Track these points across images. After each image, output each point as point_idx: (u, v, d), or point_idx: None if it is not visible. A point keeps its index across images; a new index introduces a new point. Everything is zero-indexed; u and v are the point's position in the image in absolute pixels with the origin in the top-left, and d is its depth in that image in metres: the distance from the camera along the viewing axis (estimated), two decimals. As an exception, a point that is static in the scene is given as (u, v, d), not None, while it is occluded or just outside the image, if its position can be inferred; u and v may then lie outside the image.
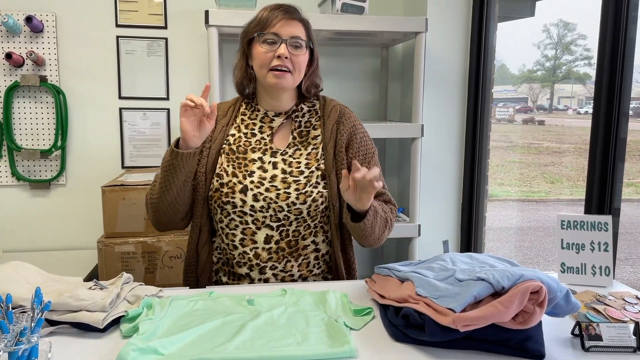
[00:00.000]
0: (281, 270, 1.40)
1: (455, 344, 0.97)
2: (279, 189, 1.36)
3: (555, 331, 1.06)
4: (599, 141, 1.71)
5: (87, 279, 2.03)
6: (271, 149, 1.42)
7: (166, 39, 2.53)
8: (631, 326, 1.02)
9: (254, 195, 1.36)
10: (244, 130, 1.45)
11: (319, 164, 1.41)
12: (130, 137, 2.57)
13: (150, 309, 1.09)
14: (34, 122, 2.48)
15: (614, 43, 1.68)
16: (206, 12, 2.11)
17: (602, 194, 1.70)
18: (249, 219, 1.37)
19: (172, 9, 2.52)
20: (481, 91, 2.43)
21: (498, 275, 0.97)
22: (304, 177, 1.38)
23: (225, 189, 1.37)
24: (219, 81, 2.20)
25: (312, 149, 1.43)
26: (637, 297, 1.25)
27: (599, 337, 0.99)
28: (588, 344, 0.98)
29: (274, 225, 1.37)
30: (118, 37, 2.50)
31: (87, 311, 1.03)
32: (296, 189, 1.36)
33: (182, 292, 1.23)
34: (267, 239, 1.38)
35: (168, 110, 2.58)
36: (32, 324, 0.85)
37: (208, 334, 1.00)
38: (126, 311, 1.07)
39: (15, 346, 0.81)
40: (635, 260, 5.08)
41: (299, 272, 1.42)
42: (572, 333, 1.05)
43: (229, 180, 1.38)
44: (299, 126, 1.46)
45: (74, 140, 2.53)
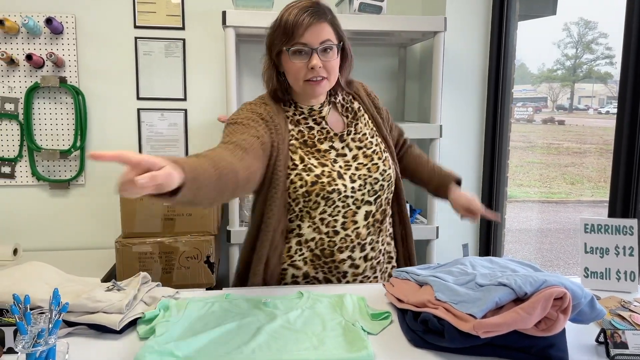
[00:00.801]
0: (377, 242, 1.43)
1: (476, 350, 0.95)
2: (366, 165, 1.40)
3: (579, 338, 1.03)
4: (623, 142, 1.67)
5: (105, 278, 2.05)
6: (335, 134, 1.43)
7: (184, 39, 2.54)
8: (659, 334, 0.98)
9: (350, 177, 1.37)
10: (299, 127, 1.42)
11: (375, 132, 1.48)
12: (148, 138, 2.58)
13: (167, 311, 1.08)
14: (53, 123, 2.51)
15: (639, 41, 1.63)
16: (223, 13, 2.11)
17: (627, 197, 1.66)
18: (349, 201, 1.36)
19: (189, 10, 2.53)
20: (501, 91, 2.39)
21: (520, 280, 0.95)
22: (376, 146, 1.44)
23: (324, 179, 1.34)
24: (235, 81, 2.20)
25: (363, 119, 1.48)
26: (664, 304, 1.22)
27: (624, 345, 0.96)
28: (613, 352, 0.96)
29: (371, 199, 1.40)
30: (136, 38, 2.51)
31: (104, 313, 1.03)
32: (379, 158, 1.42)
33: (198, 294, 1.23)
34: (367, 215, 1.40)
35: (185, 111, 2.59)
36: (50, 325, 0.85)
37: (224, 337, 1.00)
38: (143, 313, 1.07)
39: (33, 347, 0.81)
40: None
41: (387, 239, 1.48)
42: (597, 340, 1.02)
43: (322, 170, 1.36)
44: (342, 105, 1.49)
45: (92, 140, 2.56)
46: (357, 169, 1.39)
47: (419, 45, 2.70)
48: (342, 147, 1.42)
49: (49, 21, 2.36)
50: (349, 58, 1.43)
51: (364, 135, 1.44)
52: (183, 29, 2.54)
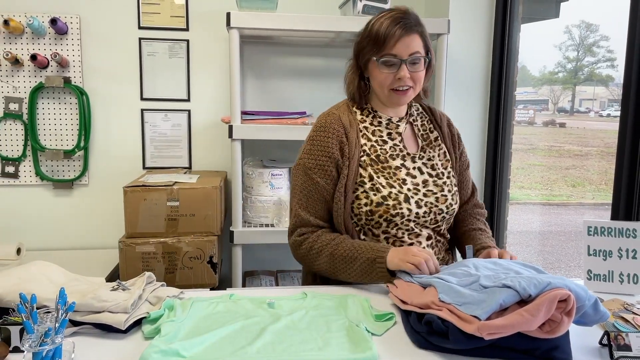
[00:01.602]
0: (440, 259, 1.45)
1: (480, 352, 0.95)
2: (435, 193, 1.40)
3: (582, 341, 1.03)
4: (626, 144, 1.67)
5: (108, 278, 2.05)
6: (408, 154, 1.43)
7: (188, 40, 2.55)
8: (662, 337, 0.99)
9: (416, 203, 1.37)
10: (373, 138, 1.43)
11: (449, 165, 1.47)
12: (152, 138, 2.59)
13: (172, 311, 1.09)
14: (57, 123, 2.52)
15: (642, 44, 1.64)
16: (227, 14, 2.12)
17: (630, 200, 1.66)
18: (412, 224, 1.38)
19: (193, 11, 2.54)
20: (504, 93, 2.40)
21: (525, 282, 0.95)
22: (447, 178, 1.44)
23: (390, 202, 1.34)
24: (239, 83, 2.21)
25: (439, 150, 1.47)
26: (667, 307, 1.22)
27: (628, 347, 0.96)
28: (617, 354, 0.96)
29: (431, 226, 1.41)
30: (140, 39, 2.52)
31: (110, 312, 1.03)
32: (449, 190, 1.42)
33: (203, 294, 1.23)
34: (428, 237, 1.42)
35: (189, 111, 2.60)
36: (57, 325, 0.85)
37: (229, 337, 1.00)
38: (148, 313, 1.08)
39: (40, 346, 0.81)
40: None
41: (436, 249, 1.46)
42: (600, 343, 1.02)
43: (390, 192, 1.36)
44: (419, 129, 1.49)
45: (96, 140, 2.56)
46: (425, 195, 1.39)
47: (422, 48, 2.71)
48: (414, 168, 1.42)
49: (53, 22, 2.37)
50: (433, 67, 1.44)
51: (437, 164, 1.44)
52: (187, 30, 2.55)
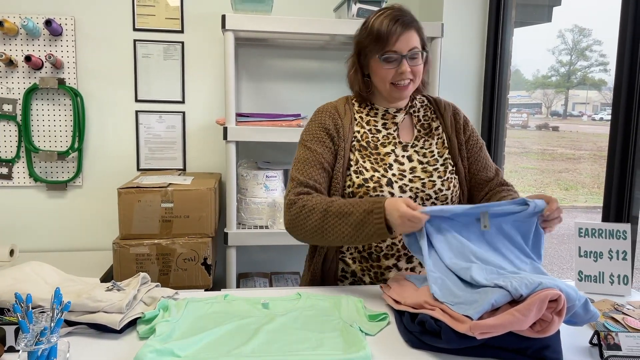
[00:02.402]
0: None
1: (472, 351, 0.96)
2: (423, 179, 1.40)
3: (573, 340, 1.05)
4: (617, 148, 1.69)
5: (102, 280, 2.05)
6: (400, 142, 1.45)
7: (182, 42, 2.55)
8: (651, 336, 1.00)
9: (400, 187, 1.38)
10: (367, 127, 1.47)
11: (447, 153, 1.47)
12: (146, 140, 2.59)
13: (167, 311, 1.09)
14: (51, 124, 2.51)
15: (633, 48, 1.66)
16: (223, 17, 2.13)
17: (621, 202, 1.68)
18: None
19: (188, 13, 2.55)
20: (497, 97, 2.42)
21: (516, 282, 0.97)
22: (441, 165, 1.44)
23: (371, 184, 1.37)
24: (234, 85, 2.21)
25: (438, 139, 1.48)
26: (657, 307, 1.24)
27: (617, 347, 0.98)
28: (607, 353, 0.97)
29: None
30: (135, 40, 2.52)
31: (105, 312, 1.04)
32: (439, 177, 1.41)
33: (197, 295, 1.24)
34: None
35: (183, 113, 2.60)
36: (52, 324, 0.86)
37: (224, 337, 1.01)
38: (143, 313, 1.08)
39: (35, 346, 0.82)
40: (651, 269, 5.00)
41: None
42: (591, 342, 1.04)
43: (372, 175, 1.39)
44: (419, 120, 1.51)
45: (90, 142, 2.56)
46: (411, 180, 1.40)
47: (416, 51, 2.73)
48: (403, 156, 1.43)
49: (48, 23, 2.37)
50: (429, 60, 1.48)
51: (432, 152, 1.45)
52: (182, 32, 2.55)
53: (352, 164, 1.41)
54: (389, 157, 1.42)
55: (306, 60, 2.65)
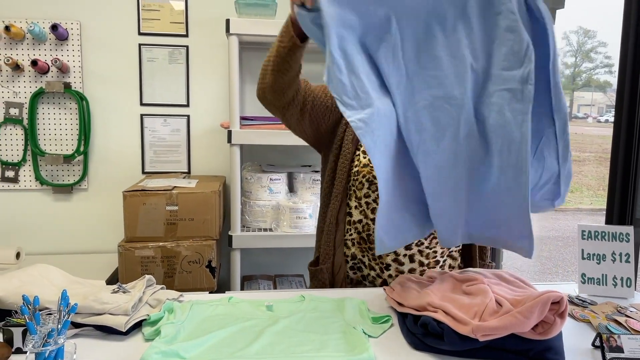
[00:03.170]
0: (427, 247, 1.39)
1: (474, 353, 0.97)
2: None
3: (575, 342, 1.05)
4: (620, 150, 1.69)
5: (108, 282, 2.06)
6: None
7: (187, 46, 2.57)
8: (653, 338, 1.01)
9: None
10: None
11: None
12: (151, 143, 2.61)
13: (172, 313, 1.10)
14: (57, 128, 2.53)
15: (636, 50, 1.66)
16: (227, 21, 2.15)
17: (624, 204, 1.68)
18: None
19: (193, 18, 2.56)
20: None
21: None
22: None
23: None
24: (238, 88, 2.23)
25: None
26: (660, 309, 1.24)
27: (620, 349, 0.98)
28: (609, 355, 0.98)
29: None
30: (140, 44, 2.54)
31: (111, 314, 1.05)
32: None
33: (202, 297, 1.25)
34: None
35: (188, 117, 2.62)
36: (59, 326, 0.87)
37: (228, 339, 1.02)
38: (148, 315, 1.09)
39: (43, 347, 0.83)
40: (657, 271, 4.98)
41: (442, 250, 1.41)
42: (593, 344, 1.04)
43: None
44: None
45: (96, 145, 2.58)
46: None
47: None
48: None
49: (54, 27, 2.39)
50: None
51: None
52: (187, 36, 2.57)
53: (360, 145, 1.43)
54: None
55: (309, 64, 2.64)
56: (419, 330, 1.04)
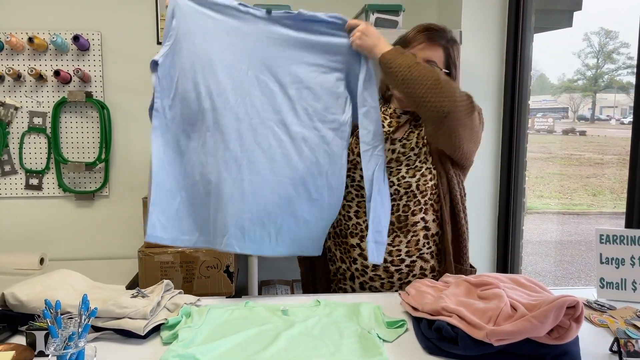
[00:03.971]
0: (389, 244, 1.43)
1: (489, 358, 0.97)
2: (391, 167, 1.46)
3: (593, 347, 1.04)
4: (639, 151, 1.67)
5: (128, 287, 2.10)
6: (391, 137, 1.50)
7: (205, 55, 2.61)
8: (673, 344, 0.99)
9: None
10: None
11: (424, 145, 1.48)
12: (170, 150, 2.65)
13: (189, 317, 1.12)
14: (79, 136, 2.59)
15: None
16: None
17: (644, 208, 1.65)
18: (364, 192, 1.41)
19: (210, 26, 2.60)
20: (517, 103, 2.40)
21: None
22: (414, 154, 1.47)
23: (348, 165, 1.44)
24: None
25: (420, 133, 1.50)
26: (681, 314, 1.22)
27: (638, 354, 0.97)
28: (627, 360, 0.96)
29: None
30: (159, 53, 2.59)
31: (130, 318, 1.07)
32: (407, 165, 1.46)
33: (219, 302, 1.27)
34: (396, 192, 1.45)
35: (206, 123, 2.65)
36: (80, 330, 0.89)
37: (244, 343, 1.03)
38: (166, 319, 1.11)
39: (64, 350, 0.85)
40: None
41: (407, 249, 1.45)
42: (611, 349, 1.03)
43: (353, 159, 1.48)
44: (419, 122, 1.53)
45: (117, 153, 2.63)
46: (390, 173, 1.46)
47: (435, 58, 2.73)
48: (387, 150, 1.48)
49: (76, 38, 2.45)
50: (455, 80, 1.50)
51: (410, 142, 1.48)
52: (204, 44, 2.61)
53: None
54: None
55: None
56: (433, 335, 1.04)
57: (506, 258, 2.48)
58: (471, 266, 1.51)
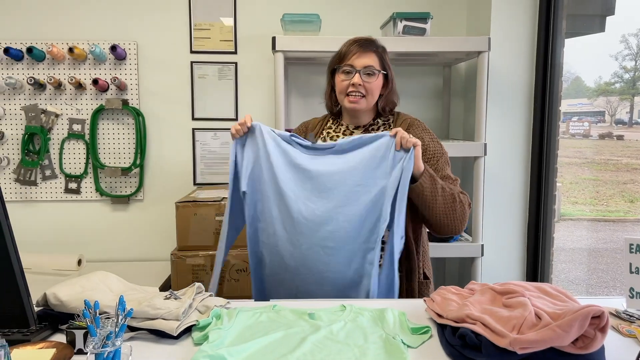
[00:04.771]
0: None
1: (513, 366, 0.97)
2: None
3: (618, 357, 1.03)
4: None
5: (161, 288, 2.16)
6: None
7: (236, 63, 2.67)
8: (703, 356, 0.98)
9: None
10: (328, 138, 1.70)
11: None
12: (202, 156, 2.72)
13: (219, 319, 1.16)
14: (116, 142, 2.69)
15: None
16: (273, 39, 2.22)
17: (677, 217, 1.62)
18: None
19: (241, 35, 2.67)
20: (548, 108, 2.38)
21: None
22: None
23: None
24: (284, 102, 2.30)
25: None
26: None
27: (666, 366, 0.96)
28: (654, 372, 0.96)
29: None
30: (192, 62, 2.67)
31: (163, 319, 1.12)
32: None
33: (248, 305, 1.30)
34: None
35: (237, 130, 2.71)
36: (117, 329, 0.94)
37: (271, 345, 1.06)
38: (197, 320, 1.16)
39: (102, 348, 0.90)
40: None
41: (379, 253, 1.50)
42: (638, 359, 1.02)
43: None
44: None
45: (151, 158, 2.72)
46: None
47: (463, 64, 2.73)
48: None
49: (113, 48, 2.55)
50: (390, 87, 1.65)
51: None
52: (235, 53, 2.67)
53: None
54: None
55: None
56: (457, 342, 1.05)
57: (536, 266, 2.45)
58: (425, 277, 1.62)
